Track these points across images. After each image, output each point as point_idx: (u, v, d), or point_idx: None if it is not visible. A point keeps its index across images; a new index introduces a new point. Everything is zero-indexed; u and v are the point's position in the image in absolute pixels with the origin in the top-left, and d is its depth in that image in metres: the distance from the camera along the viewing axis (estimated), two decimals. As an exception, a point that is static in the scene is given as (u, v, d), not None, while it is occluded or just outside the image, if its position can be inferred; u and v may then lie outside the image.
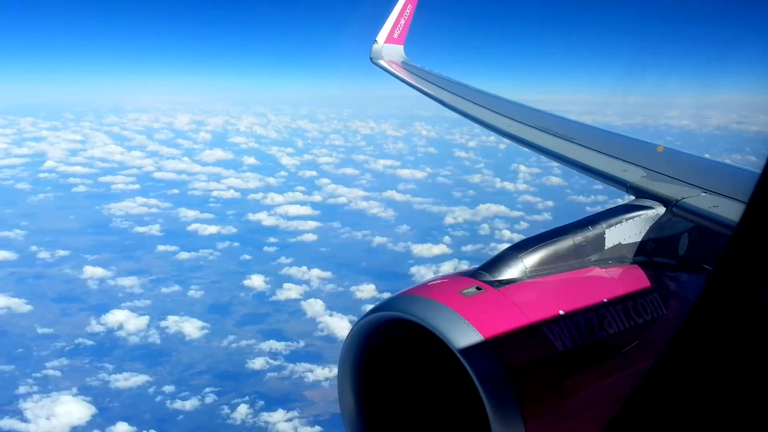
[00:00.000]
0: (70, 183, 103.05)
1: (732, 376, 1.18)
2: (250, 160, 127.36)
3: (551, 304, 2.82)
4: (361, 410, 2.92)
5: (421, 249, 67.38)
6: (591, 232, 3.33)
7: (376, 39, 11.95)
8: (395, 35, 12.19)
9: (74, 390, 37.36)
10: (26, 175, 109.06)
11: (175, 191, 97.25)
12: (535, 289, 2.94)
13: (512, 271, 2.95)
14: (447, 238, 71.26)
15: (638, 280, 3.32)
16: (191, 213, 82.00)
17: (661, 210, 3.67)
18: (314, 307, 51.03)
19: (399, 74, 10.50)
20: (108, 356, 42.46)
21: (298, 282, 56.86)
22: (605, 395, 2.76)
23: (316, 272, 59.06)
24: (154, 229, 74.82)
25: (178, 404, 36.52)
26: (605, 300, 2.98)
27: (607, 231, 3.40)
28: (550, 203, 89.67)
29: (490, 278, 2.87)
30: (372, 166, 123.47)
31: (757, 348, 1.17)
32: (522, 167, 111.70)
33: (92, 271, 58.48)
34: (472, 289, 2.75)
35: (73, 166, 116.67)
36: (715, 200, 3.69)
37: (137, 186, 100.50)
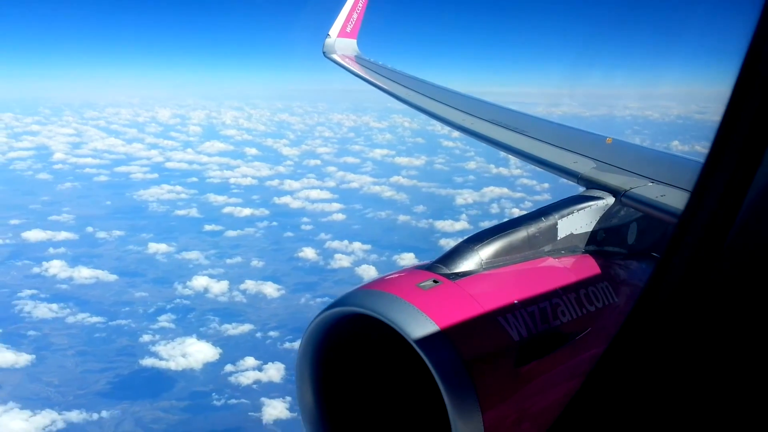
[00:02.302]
0: (87, 173, 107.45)
1: (679, 358, 1.24)
2: (252, 151, 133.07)
3: (506, 295, 2.90)
4: (321, 406, 2.97)
5: (443, 225, 75.08)
6: (544, 223, 3.43)
7: (329, 33, 11.88)
8: (348, 29, 12.09)
9: (194, 336, 43.90)
10: (41, 167, 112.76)
11: (194, 179, 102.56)
12: (491, 280, 3.02)
13: (468, 264, 3.03)
14: (464, 216, 79.12)
15: (590, 269, 3.42)
16: (220, 198, 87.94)
17: (610, 200, 3.77)
18: (369, 272, 58.09)
19: (352, 68, 10.51)
20: (207, 311, 49.04)
21: (346, 253, 63.90)
22: (560, 382, 2.87)
23: (357, 245, 66.01)
24: (193, 212, 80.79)
25: (287, 345, 43.32)
26: (558, 289, 3.09)
27: (559, 222, 3.49)
28: (546, 185, 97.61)
29: (446, 271, 2.96)
30: (369, 155, 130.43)
31: (703, 331, 1.23)
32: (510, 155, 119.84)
33: (156, 247, 64.42)
34: (429, 282, 2.83)
35: (83, 158, 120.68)
36: (662, 190, 3.78)
37: (155, 175, 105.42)
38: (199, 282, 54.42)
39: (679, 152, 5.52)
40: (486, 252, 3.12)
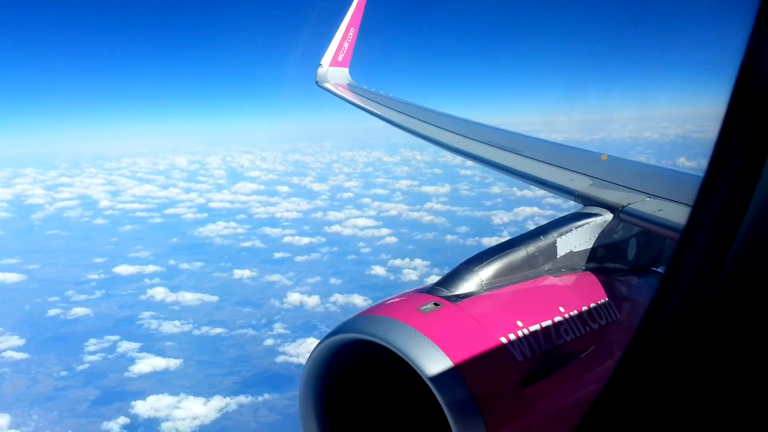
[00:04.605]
0: (141, 216, 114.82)
1: (688, 374, 1.23)
2: (284, 189, 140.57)
3: (509, 315, 2.93)
4: None
5: (489, 241, 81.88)
6: (543, 242, 3.46)
7: (321, 63, 12.05)
8: (339, 58, 12.28)
9: (312, 337, 50.73)
10: (92, 213, 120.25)
11: (243, 216, 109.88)
12: (492, 301, 3.04)
13: (469, 285, 3.05)
14: (505, 233, 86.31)
15: (591, 286, 3.46)
16: (275, 230, 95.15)
17: (608, 217, 3.79)
18: (438, 282, 65.11)
19: (346, 96, 10.63)
20: (311, 319, 55.99)
21: (411, 268, 70.98)
22: (566, 401, 2.88)
23: (418, 261, 73.16)
24: (257, 243, 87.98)
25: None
26: (561, 308, 3.10)
27: (558, 240, 3.52)
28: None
29: (447, 293, 2.98)
30: (395, 186, 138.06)
31: (710, 346, 1.22)
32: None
33: (240, 273, 71.55)
34: (430, 306, 2.85)
35: (129, 203, 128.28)
36: (659, 204, 3.81)
37: (205, 215, 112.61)
38: (294, 298, 61.49)
39: (676, 167, 5.78)
40: (486, 273, 3.14)
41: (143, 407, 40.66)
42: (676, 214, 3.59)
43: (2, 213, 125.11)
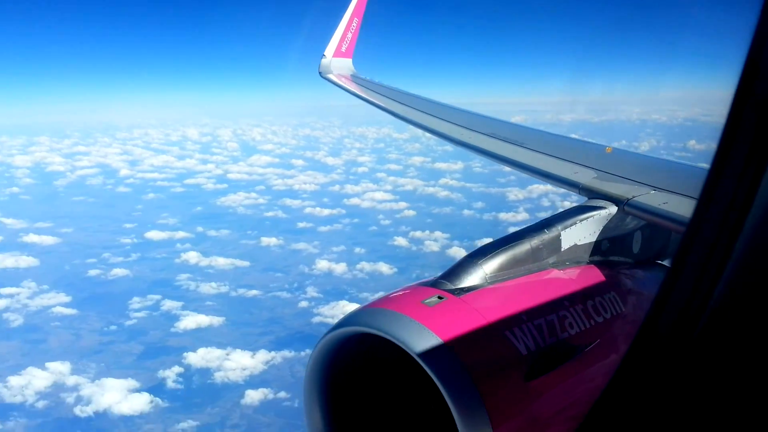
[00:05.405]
0: (160, 186, 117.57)
1: (694, 369, 1.23)
2: (299, 162, 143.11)
3: (513, 309, 2.93)
4: (331, 428, 3.00)
5: (506, 216, 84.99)
6: (547, 235, 3.47)
7: (324, 53, 12.06)
8: (343, 49, 12.27)
9: (345, 299, 53.91)
10: (114, 182, 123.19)
11: (262, 187, 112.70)
12: (496, 294, 3.05)
13: (472, 278, 3.06)
14: (521, 209, 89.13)
15: (595, 279, 3.46)
16: (296, 202, 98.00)
17: (613, 209, 3.79)
18: (460, 253, 67.60)
19: (349, 87, 10.68)
20: (340, 284, 59.14)
21: (432, 240, 73.88)
22: (570, 395, 2.90)
23: (438, 234, 75.96)
24: (280, 213, 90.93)
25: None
26: (565, 301, 3.12)
27: (562, 233, 3.53)
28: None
29: (451, 287, 2.99)
30: (409, 162, 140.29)
31: (716, 341, 1.22)
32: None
33: (268, 241, 74.52)
34: (434, 299, 2.86)
35: (149, 173, 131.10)
36: (665, 197, 3.80)
37: (225, 185, 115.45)
38: (322, 264, 64.55)
39: (681, 160, 5.81)
40: (490, 266, 3.16)
41: (195, 358, 43.90)
42: (682, 206, 3.58)
43: (26, 179, 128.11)
